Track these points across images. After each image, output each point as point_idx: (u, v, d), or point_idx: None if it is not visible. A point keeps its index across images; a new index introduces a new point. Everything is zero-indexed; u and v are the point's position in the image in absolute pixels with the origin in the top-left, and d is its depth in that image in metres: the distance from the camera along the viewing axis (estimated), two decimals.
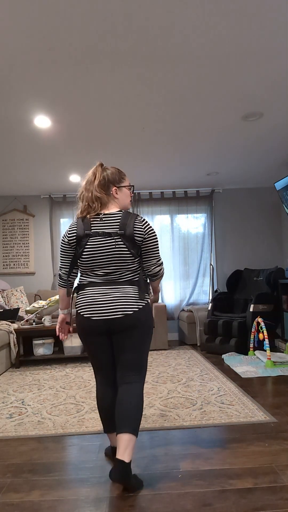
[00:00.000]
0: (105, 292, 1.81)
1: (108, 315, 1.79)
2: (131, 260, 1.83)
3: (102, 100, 3.07)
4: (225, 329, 4.70)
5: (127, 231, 1.80)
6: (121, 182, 1.96)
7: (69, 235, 1.89)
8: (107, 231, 1.81)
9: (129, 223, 1.81)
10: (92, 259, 1.82)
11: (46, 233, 5.98)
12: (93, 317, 1.80)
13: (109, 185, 1.92)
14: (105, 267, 1.82)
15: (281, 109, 3.35)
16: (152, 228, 1.87)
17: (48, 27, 2.19)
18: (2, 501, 1.66)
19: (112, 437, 1.96)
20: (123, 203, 1.96)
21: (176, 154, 4.42)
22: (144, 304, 1.83)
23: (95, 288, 1.83)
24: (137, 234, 1.81)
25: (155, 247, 1.88)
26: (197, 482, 1.74)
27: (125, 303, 1.79)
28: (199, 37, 2.34)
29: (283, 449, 2.03)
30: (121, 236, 1.80)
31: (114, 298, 1.79)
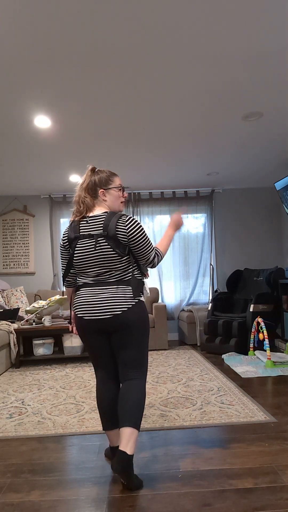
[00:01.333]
0: (95, 292, 1.85)
1: (98, 315, 1.83)
2: (117, 260, 1.84)
3: (102, 100, 3.07)
4: (225, 329, 4.70)
5: (109, 232, 1.82)
6: (108, 184, 1.97)
7: (62, 239, 1.97)
8: (92, 233, 1.86)
9: (112, 224, 1.83)
10: (82, 261, 1.87)
11: (46, 233, 5.98)
12: (85, 316, 1.85)
13: (95, 188, 1.96)
14: (94, 268, 1.86)
15: (281, 109, 3.35)
16: (136, 225, 1.85)
17: (48, 27, 2.19)
18: (2, 501, 1.66)
19: (112, 435, 1.95)
20: (112, 204, 1.97)
21: (176, 154, 4.42)
22: (134, 303, 1.84)
23: (87, 288, 1.88)
24: (120, 233, 1.82)
25: (143, 243, 1.85)
26: (197, 482, 1.74)
27: (113, 302, 1.82)
28: (199, 37, 2.34)
29: (283, 449, 2.03)
30: (104, 237, 1.83)
31: (103, 298, 1.83)
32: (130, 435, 1.71)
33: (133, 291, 1.85)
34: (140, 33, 2.28)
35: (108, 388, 1.94)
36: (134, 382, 1.83)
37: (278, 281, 4.89)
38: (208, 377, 3.56)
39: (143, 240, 1.86)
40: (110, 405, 1.92)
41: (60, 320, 4.64)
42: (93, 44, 2.37)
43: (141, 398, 1.81)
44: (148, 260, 1.89)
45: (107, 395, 1.93)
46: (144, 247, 1.86)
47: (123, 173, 5.02)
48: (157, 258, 1.91)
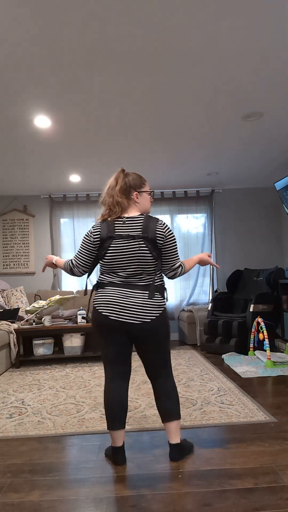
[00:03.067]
0: (124, 294, 1.89)
1: (126, 318, 1.87)
2: (152, 262, 1.91)
3: (102, 100, 3.07)
4: (225, 329, 4.70)
5: (149, 234, 1.89)
6: (142, 187, 2.03)
7: (94, 236, 1.96)
8: (130, 233, 1.90)
9: (151, 226, 1.91)
10: (114, 261, 1.91)
11: (46, 233, 5.98)
12: (111, 316, 1.88)
13: (130, 190, 2.00)
14: (126, 268, 1.90)
15: (281, 109, 3.36)
16: (172, 232, 1.96)
17: (49, 28, 2.19)
18: (2, 501, 1.66)
19: (116, 435, 1.94)
20: (144, 207, 2.04)
21: (176, 154, 4.42)
22: (161, 311, 1.92)
23: (115, 288, 1.91)
24: (159, 236, 1.91)
25: (174, 250, 1.97)
26: (197, 482, 1.74)
27: (144, 309, 1.88)
28: (200, 37, 2.34)
29: (283, 449, 2.03)
30: (143, 239, 1.89)
31: (133, 303, 1.88)
32: (177, 426, 1.95)
33: (160, 297, 1.93)
34: (140, 33, 2.28)
35: (118, 387, 1.96)
36: (167, 381, 1.97)
37: (278, 281, 4.89)
38: (208, 377, 3.56)
39: (175, 247, 1.98)
40: (119, 404, 1.93)
41: (60, 320, 4.63)
42: (93, 44, 2.37)
43: (176, 392, 2.00)
44: (174, 267, 1.98)
45: (117, 394, 1.94)
46: (174, 253, 1.98)
47: None
48: (181, 268, 2.00)
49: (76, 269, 2.03)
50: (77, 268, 2.02)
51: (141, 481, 1.78)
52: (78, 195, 5.94)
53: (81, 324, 4.36)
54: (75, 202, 5.91)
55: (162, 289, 1.96)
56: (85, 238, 2.00)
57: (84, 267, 2.02)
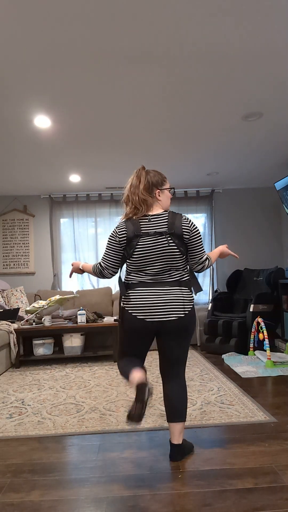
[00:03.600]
0: (156, 293, 1.90)
1: (162, 317, 1.89)
2: (180, 258, 1.93)
3: (102, 100, 3.07)
4: (225, 329, 4.70)
5: (176, 230, 1.91)
6: (163, 184, 2.05)
7: (120, 236, 1.96)
8: (158, 230, 1.92)
9: (177, 222, 1.93)
10: (143, 259, 1.92)
11: (46, 233, 5.98)
12: (147, 318, 1.89)
13: (152, 188, 2.01)
14: (154, 266, 1.92)
15: (281, 109, 3.35)
16: (197, 227, 1.99)
17: (48, 27, 2.19)
18: (2, 501, 1.66)
19: (134, 373, 1.82)
20: (165, 204, 2.05)
21: (176, 154, 4.42)
22: (192, 305, 1.96)
23: (146, 288, 1.92)
24: (185, 232, 1.93)
25: (200, 244, 1.99)
26: (197, 482, 1.74)
27: (178, 305, 1.90)
28: (200, 37, 2.34)
29: (283, 449, 2.03)
30: (170, 235, 1.91)
31: (166, 300, 1.90)
32: (181, 428, 1.96)
33: (190, 292, 1.97)
34: (140, 33, 2.28)
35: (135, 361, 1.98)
36: (180, 380, 1.98)
37: (278, 281, 4.89)
38: (208, 377, 3.56)
39: (201, 241, 2.01)
40: (136, 361, 1.98)
41: (60, 320, 4.63)
42: (93, 44, 2.37)
43: (186, 393, 1.99)
44: (201, 260, 2.00)
45: (135, 362, 1.96)
46: (201, 247, 2.00)
47: (123, 173, 5.02)
48: (208, 261, 2.03)
49: (106, 271, 2.03)
50: (107, 270, 2.03)
51: (141, 481, 1.78)
52: (78, 195, 5.94)
53: (81, 324, 4.36)
54: (75, 202, 5.91)
55: (190, 283, 1.99)
56: (110, 238, 2.00)
57: (114, 268, 2.03)
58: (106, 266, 2.02)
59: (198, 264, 2.01)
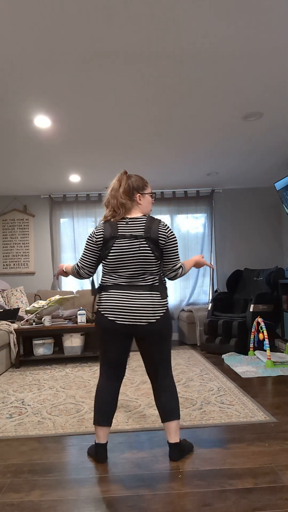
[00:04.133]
0: (129, 297, 1.92)
1: (132, 321, 1.91)
2: (154, 262, 1.94)
3: (102, 100, 3.07)
4: (225, 329, 4.70)
5: (152, 234, 1.93)
6: (144, 189, 2.07)
7: (97, 237, 1.99)
8: (134, 233, 1.93)
9: (154, 227, 1.95)
10: (117, 261, 1.93)
11: (46, 233, 5.98)
12: (118, 320, 1.92)
13: (133, 192, 2.03)
14: (129, 269, 1.93)
15: (281, 109, 3.35)
16: (173, 234, 2.00)
17: (48, 27, 2.19)
18: (2, 501, 1.66)
19: (101, 431, 2.00)
20: (146, 209, 2.07)
21: (176, 154, 4.42)
22: (165, 310, 1.96)
23: (119, 291, 1.93)
24: (161, 237, 1.94)
25: (175, 251, 1.99)
26: (197, 482, 1.74)
27: (149, 310, 1.91)
28: (200, 37, 2.34)
29: (283, 449, 2.03)
30: (146, 239, 1.92)
31: (138, 304, 1.91)
32: (176, 426, 1.96)
33: (163, 298, 1.96)
34: (140, 33, 2.28)
35: (112, 385, 2.02)
36: (167, 380, 1.99)
37: (278, 281, 4.89)
38: (208, 377, 3.56)
39: (176, 248, 2.01)
40: (110, 401, 2.00)
41: (60, 320, 4.63)
42: (93, 44, 2.37)
43: (175, 392, 2.01)
44: (175, 267, 2.00)
45: (109, 391, 2.01)
46: (175, 254, 2.00)
47: None
48: (181, 269, 2.03)
49: (82, 271, 2.06)
50: (83, 270, 2.05)
51: (141, 481, 1.78)
52: (78, 195, 5.94)
53: (81, 324, 4.36)
54: (75, 202, 5.91)
55: (165, 288, 2.01)
56: (88, 239, 2.03)
57: (90, 268, 2.05)
58: (82, 266, 2.05)
59: (171, 272, 2.01)
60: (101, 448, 2.00)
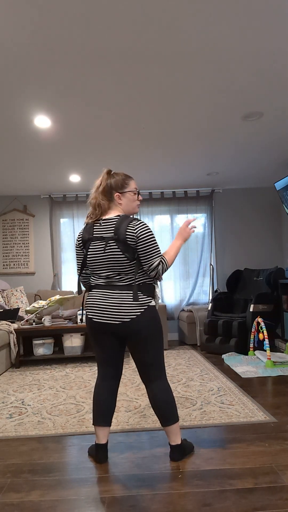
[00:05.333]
0: (106, 296, 1.91)
1: (107, 319, 1.89)
2: (127, 264, 1.88)
3: (102, 100, 3.07)
4: (225, 329, 4.70)
5: (120, 235, 1.86)
6: (124, 187, 1.99)
7: (78, 239, 2.02)
8: (104, 235, 1.90)
9: (122, 227, 1.87)
10: (94, 263, 1.93)
11: (46, 233, 5.98)
12: (95, 318, 1.92)
13: (111, 191, 1.98)
14: (105, 270, 1.91)
15: (281, 109, 3.35)
16: (145, 228, 1.88)
17: (48, 28, 2.19)
18: (2, 501, 1.66)
19: (100, 431, 2.01)
20: (127, 208, 2.01)
21: (176, 154, 4.42)
22: (143, 310, 1.88)
23: (99, 290, 1.94)
24: (129, 237, 1.86)
25: (148, 249, 1.87)
26: (197, 482, 1.74)
27: (122, 310, 1.87)
28: (199, 37, 2.34)
29: (283, 449, 2.03)
30: (115, 240, 1.87)
31: (113, 304, 1.88)
32: (175, 429, 1.94)
33: (143, 296, 1.89)
34: (140, 33, 2.28)
35: (108, 385, 2.02)
36: (157, 384, 1.93)
37: (278, 281, 4.89)
38: (208, 377, 3.56)
39: (150, 244, 1.87)
40: (106, 401, 2.00)
41: (60, 320, 4.63)
42: (93, 44, 2.37)
43: (169, 396, 1.94)
44: (152, 266, 1.88)
45: (105, 391, 2.01)
46: (149, 251, 1.87)
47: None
48: (162, 266, 1.88)
49: (81, 280, 2.07)
50: (81, 277, 2.07)
51: (141, 481, 1.78)
52: (78, 195, 5.94)
53: (81, 324, 4.36)
54: (75, 202, 5.91)
55: (147, 287, 1.91)
56: (75, 244, 2.07)
57: (84, 274, 2.07)
58: (79, 275, 2.06)
59: (150, 271, 1.89)
60: (101, 448, 2.00)
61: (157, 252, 1.89)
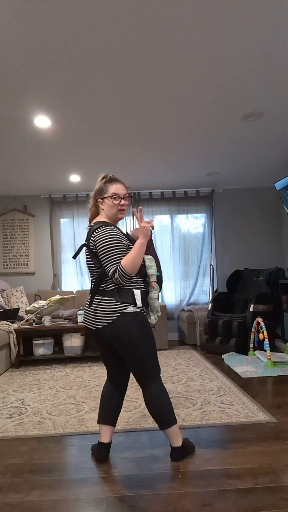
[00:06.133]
0: (89, 301, 1.96)
1: (88, 325, 1.95)
2: (96, 270, 1.92)
3: (102, 100, 3.07)
4: (225, 329, 4.70)
5: (88, 242, 1.91)
6: (102, 193, 1.95)
7: None
8: (83, 242, 1.97)
9: (88, 235, 1.92)
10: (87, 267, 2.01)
11: (46, 233, 5.98)
12: (84, 323, 2.00)
13: (96, 197, 2.00)
14: (91, 276, 1.98)
15: (281, 109, 3.35)
16: (102, 234, 1.82)
17: (48, 28, 2.19)
18: (2, 501, 1.66)
19: (103, 429, 2.04)
20: (109, 214, 1.96)
21: (176, 154, 4.42)
22: (115, 318, 1.83)
23: (89, 296, 1.98)
24: (91, 244, 1.89)
25: (102, 257, 1.82)
26: (197, 482, 1.74)
27: (96, 316, 1.89)
28: (200, 37, 2.34)
29: (283, 449, 2.03)
30: (86, 247, 1.93)
31: (91, 310, 1.92)
32: (173, 432, 1.93)
33: (116, 304, 1.84)
34: (140, 33, 2.28)
35: (112, 386, 2.08)
36: (150, 389, 1.90)
37: (278, 281, 4.89)
38: (208, 377, 3.56)
39: (105, 253, 1.81)
40: (110, 402, 2.04)
41: (60, 320, 4.63)
42: (93, 44, 2.37)
43: (163, 398, 1.90)
44: (110, 274, 1.81)
45: (110, 391, 2.07)
46: (105, 259, 1.81)
47: (123, 173, 5.02)
48: (118, 273, 1.78)
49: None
50: None
51: (141, 481, 1.78)
52: (78, 195, 5.94)
53: (81, 324, 4.36)
54: (75, 202, 5.91)
55: (123, 293, 1.85)
56: None
57: None
58: None
59: (111, 279, 1.85)
60: (102, 447, 2.01)
61: (111, 261, 1.80)
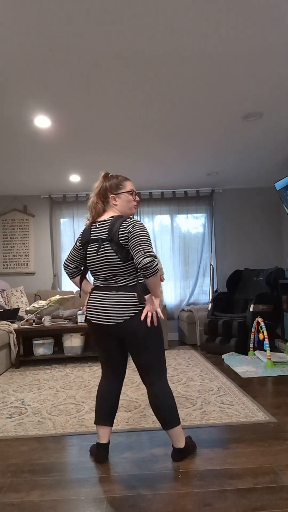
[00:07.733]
0: (103, 297, 1.92)
1: (101, 320, 1.90)
2: (122, 265, 1.87)
3: (102, 100, 3.07)
4: (225, 329, 4.70)
5: (114, 236, 1.85)
6: (119, 189, 1.99)
7: (78, 241, 2.04)
8: (100, 237, 1.91)
9: (115, 228, 1.86)
10: (92, 265, 1.96)
11: (46, 233, 5.98)
12: (93, 320, 1.95)
13: (106, 193, 1.99)
14: (102, 272, 1.93)
15: (281, 109, 3.35)
16: (138, 224, 1.83)
17: (48, 28, 2.19)
18: (2, 501, 1.66)
19: (101, 431, 2.02)
20: (123, 209, 2.00)
21: (176, 154, 4.42)
22: (139, 311, 1.86)
23: (98, 292, 1.95)
24: (121, 236, 1.83)
25: (140, 240, 1.77)
26: (197, 482, 1.74)
27: (116, 310, 1.86)
28: (200, 37, 2.34)
29: (283, 449, 2.03)
30: (109, 242, 1.87)
31: (108, 304, 1.89)
32: (177, 432, 1.93)
33: (138, 298, 1.87)
34: (140, 34, 2.28)
35: (110, 384, 2.05)
36: (156, 387, 1.90)
37: (278, 281, 4.89)
38: (208, 377, 3.56)
39: (140, 237, 1.77)
40: (108, 400, 2.02)
41: (60, 320, 4.63)
42: (93, 44, 2.37)
43: (168, 398, 1.91)
44: (142, 262, 1.73)
45: (107, 390, 2.04)
46: (137, 247, 1.76)
47: (123, 173, 5.02)
48: (152, 263, 1.73)
49: (64, 264, 2.10)
50: (64, 263, 2.10)
51: (141, 481, 1.78)
52: (78, 195, 5.94)
53: (81, 324, 4.36)
54: (75, 202, 5.91)
55: (142, 288, 1.88)
56: (75, 241, 2.09)
57: (69, 262, 2.07)
58: (67, 265, 2.08)
59: (142, 267, 1.74)
60: (101, 448, 2.00)
61: (146, 246, 1.76)
